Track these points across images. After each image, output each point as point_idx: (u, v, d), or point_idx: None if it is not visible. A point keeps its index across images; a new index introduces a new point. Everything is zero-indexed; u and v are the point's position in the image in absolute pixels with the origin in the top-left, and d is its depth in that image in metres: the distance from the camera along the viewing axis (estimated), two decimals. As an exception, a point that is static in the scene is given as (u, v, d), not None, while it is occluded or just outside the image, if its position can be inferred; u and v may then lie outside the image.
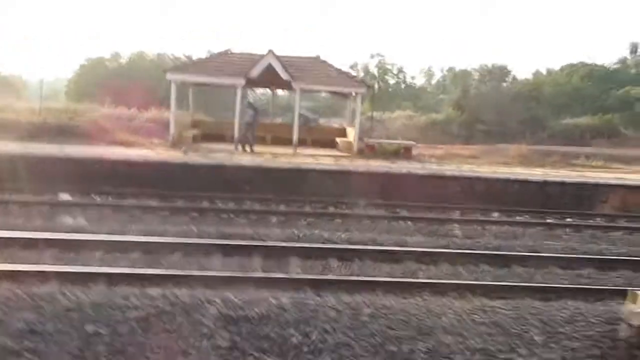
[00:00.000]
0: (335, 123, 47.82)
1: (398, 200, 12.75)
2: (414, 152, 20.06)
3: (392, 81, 77.78)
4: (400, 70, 77.88)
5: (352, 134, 19.86)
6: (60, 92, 70.37)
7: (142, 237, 7.88)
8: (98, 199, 11.49)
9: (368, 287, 6.30)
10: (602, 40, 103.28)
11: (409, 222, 10.93)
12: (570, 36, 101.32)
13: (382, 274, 7.02)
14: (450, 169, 16.18)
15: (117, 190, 12.01)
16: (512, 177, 14.94)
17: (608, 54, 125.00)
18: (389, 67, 77.24)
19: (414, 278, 6.98)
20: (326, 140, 21.54)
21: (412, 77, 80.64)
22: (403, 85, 77.98)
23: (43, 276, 5.94)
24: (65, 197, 11.42)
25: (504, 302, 5.92)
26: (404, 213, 11.86)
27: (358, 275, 6.89)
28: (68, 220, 9.33)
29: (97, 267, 6.53)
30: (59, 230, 8.08)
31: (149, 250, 7.33)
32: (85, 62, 65.58)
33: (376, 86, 25.70)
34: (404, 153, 19.40)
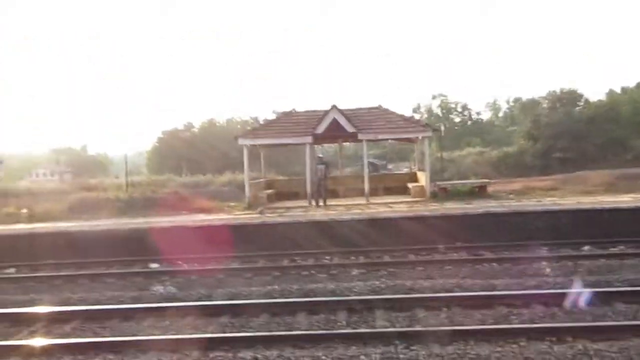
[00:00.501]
0: (404, 168, 47.80)
1: (479, 241, 12.35)
2: (489, 189, 19.53)
3: (457, 119, 77.03)
4: (464, 108, 77.18)
5: (423, 177, 19.69)
6: (141, 166, 75.26)
7: (228, 300, 8.12)
8: (185, 266, 11.98)
9: (460, 336, 6.09)
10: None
11: (494, 264, 10.53)
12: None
13: (473, 322, 6.76)
14: (530, 204, 15.56)
15: (204, 256, 12.48)
16: (599, 206, 14.11)
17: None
18: (453, 105, 76.80)
19: (507, 324, 6.67)
20: (397, 186, 21.45)
21: (478, 113, 79.56)
22: (469, 122, 76.92)
23: (144, 345, 6.23)
24: (154, 266, 12.02)
25: (609, 344, 5.52)
26: (488, 255, 11.44)
27: (447, 325, 6.67)
28: (159, 288, 9.77)
29: (190, 334, 6.76)
30: (151, 299, 8.49)
31: (237, 313, 7.51)
32: (162, 134, 70.17)
33: (442, 127, 25.42)
34: (479, 192, 18.92)
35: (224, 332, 6.77)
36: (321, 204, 17.87)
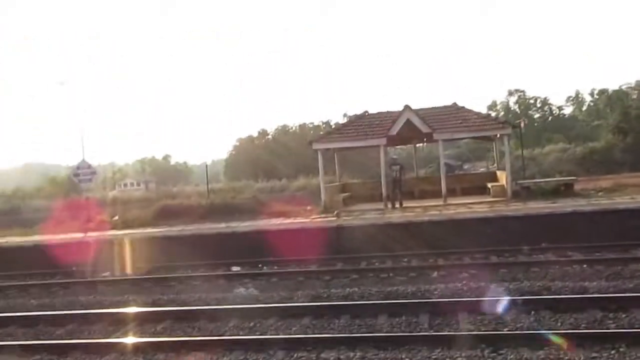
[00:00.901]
0: (480, 168, 46.29)
1: (568, 242, 11.71)
2: (576, 187, 18.48)
3: (536, 115, 73.67)
4: (544, 103, 73.75)
5: (503, 176, 18.96)
6: (219, 173, 78.08)
7: (309, 302, 8.22)
8: (265, 269, 12.27)
9: (549, 340, 5.80)
10: None
11: (585, 266, 9.94)
12: None
13: (565, 326, 6.42)
14: (623, 201, 14.55)
15: (279, 259, 12.75)
16: None
17: None
18: (532, 101, 73.56)
19: (602, 328, 6.27)
20: (475, 187, 20.78)
21: (559, 108, 75.74)
22: (550, 118, 73.35)
23: (230, 344, 6.45)
24: (236, 269, 12.41)
25: None
26: (578, 256, 10.82)
27: (536, 329, 6.38)
28: (241, 290, 10.07)
29: (273, 334, 6.91)
30: (235, 301, 8.77)
31: (318, 315, 7.59)
32: (237, 142, 72.54)
33: (522, 124, 24.39)
34: (565, 190, 17.94)
35: (307, 334, 6.85)
36: (397, 206, 17.68)
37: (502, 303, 7.23)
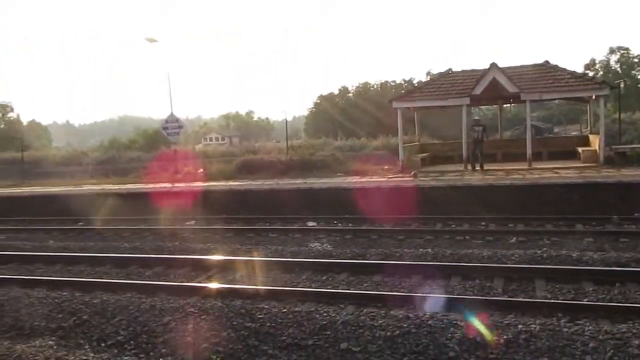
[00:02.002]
0: (573, 132, 43.48)
1: (664, 213, 10.90)
2: (680, 154, 16.93)
3: (640, 76, 67.49)
4: (651, 62, 67.20)
5: (596, 141, 17.74)
6: (299, 130, 79.08)
7: (380, 260, 8.29)
8: (340, 225, 12.46)
9: (636, 315, 5.51)
10: None
11: (683, 239, 9.22)
12: None
13: (653, 300, 6.05)
14: None
15: (354, 216, 12.87)
16: None
17: None
18: (636, 60, 67.30)
19: (696, 306, 5.84)
20: (565, 151, 19.62)
21: (669, 67, 68.72)
22: (657, 78, 66.93)
23: (303, 296, 6.69)
24: (312, 224, 12.70)
25: None
26: (674, 228, 10.06)
27: (621, 302, 6.06)
28: (316, 245, 10.33)
29: (345, 289, 7.08)
30: (310, 255, 9.02)
31: (389, 273, 7.64)
32: (318, 100, 72.71)
33: (622, 85, 22.49)
34: (666, 157, 16.52)
35: (377, 290, 6.95)
36: (477, 168, 17.14)
37: (582, 274, 6.92)
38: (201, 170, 21.70)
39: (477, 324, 5.24)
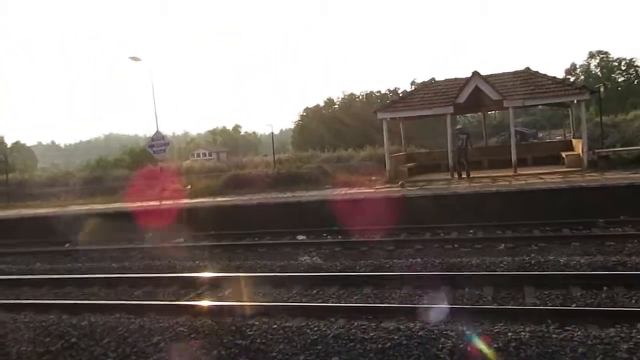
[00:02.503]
0: (557, 136, 44.00)
1: (648, 215, 11.04)
2: (662, 156, 17.21)
3: (621, 78, 68.68)
4: (630, 65, 68.49)
5: (579, 145, 17.98)
6: (286, 143, 79.21)
7: (371, 272, 8.29)
8: (329, 238, 12.45)
9: (623, 318, 5.56)
10: None
11: (667, 241, 9.34)
12: None
13: None
14: None
15: (343, 228, 12.88)
16: None
17: None
18: (615, 63, 68.52)
19: (682, 307, 5.92)
20: (549, 156, 19.85)
21: (648, 70, 70.00)
22: (636, 81, 68.13)
23: (292, 310, 6.66)
24: (301, 238, 12.68)
25: None
26: (659, 230, 10.20)
27: (608, 306, 6.11)
28: (306, 258, 10.31)
29: (335, 303, 7.06)
30: (299, 269, 8.99)
31: (380, 285, 7.65)
32: (304, 112, 72.94)
33: (602, 89, 22.84)
34: (649, 160, 16.77)
35: (367, 303, 6.94)
36: (464, 176, 17.26)
37: (571, 279, 6.98)
38: (189, 187, 21.60)
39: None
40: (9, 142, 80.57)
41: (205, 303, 7.39)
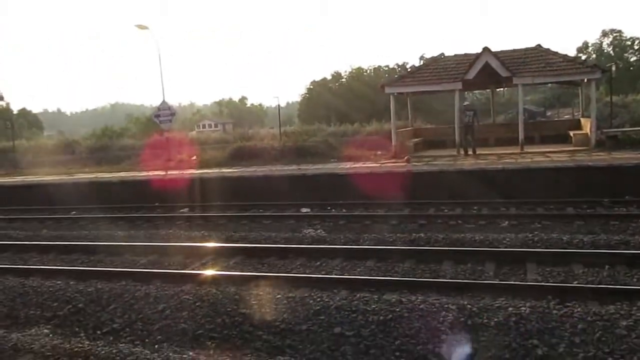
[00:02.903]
0: (565, 115, 43.57)
1: (654, 195, 11.01)
2: (671, 137, 17.04)
3: (633, 58, 67.57)
4: (643, 44, 67.22)
5: (587, 124, 17.82)
6: (293, 116, 78.86)
7: (375, 245, 8.35)
8: (333, 211, 12.51)
9: (624, 296, 5.60)
10: None
11: (671, 221, 9.32)
12: None
13: (640, 282, 6.15)
14: None
15: (347, 202, 12.92)
16: None
17: None
18: (629, 42, 67.32)
19: (683, 287, 5.95)
20: (557, 135, 19.70)
21: (661, 50, 68.76)
22: (649, 61, 66.99)
23: (295, 282, 6.75)
24: (305, 210, 12.74)
25: None
26: (664, 210, 10.18)
27: (609, 283, 6.16)
28: (310, 231, 10.38)
29: (338, 274, 7.14)
30: (303, 241, 9.07)
31: (383, 258, 7.72)
32: (311, 85, 72.36)
33: (613, 68, 22.51)
34: (657, 140, 16.62)
35: (370, 275, 7.02)
36: (470, 152, 17.20)
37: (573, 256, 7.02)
38: (194, 157, 21.65)
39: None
40: (15, 109, 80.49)
41: (209, 272, 7.49)
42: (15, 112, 78.36)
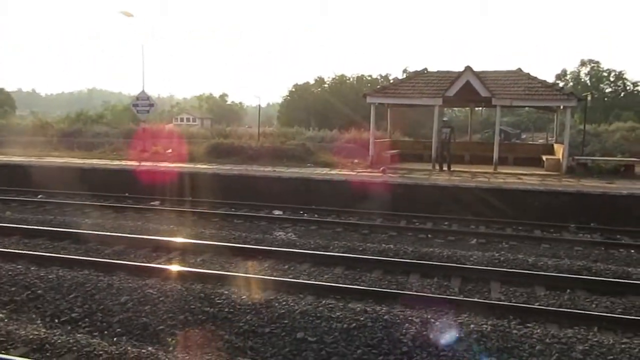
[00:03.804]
0: (539, 139, 44.52)
1: (618, 225, 11.31)
2: (638, 169, 17.57)
3: (608, 89, 69.56)
4: (619, 77, 69.34)
5: (560, 150, 18.24)
6: (272, 117, 78.60)
7: (344, 253, 8.38)
8: (305, 216, 12.50)
9: (582, 321, 5.74)
10: None
11: (632, 251, 9.59)
12: None
13: (599, 308, 6.30)
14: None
15: (320, 208, 12.94)
16: None
17: None
18: (605, 73, 69.29)
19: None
20: (530, 157, 20.13)
21: (635, 84, 71.03)
22: (622, 94, 69.09)
23: (263, 284, 6.71)
24: (278, 213, 12.70)
25: None
26: (626, 239, 10.47)
27: (569, 307, 6.30)
28: (281, 234, 10.34)
29: (305, 279, 7.13)
30: (274, 244, 9.04)
31: (351, 266, 7.74)
32: (293, 88, 72.30)
33: (589, 97, 23.12)
34: (625, 171, 17.11)
35: (337, 282, 7.02)
36: (445, 168, 17.42)
37: (536, 278, 7.16)
38: (170, 150, 21.37)
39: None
40: (-13, 86, 78.22)
41: (175, 267, 7.40)
42: (-13, 88, 76.26)
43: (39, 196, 14.36)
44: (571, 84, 65.18)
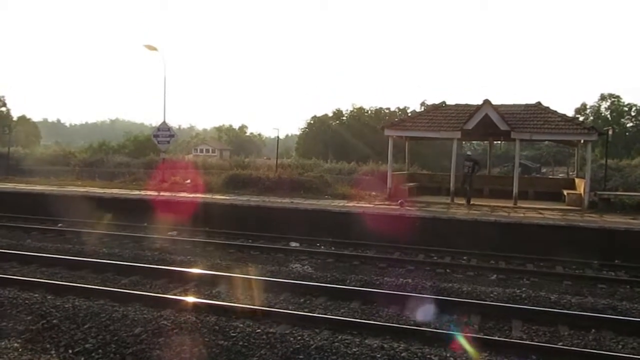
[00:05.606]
0: (560, 173, 44.00)
1: (643, 262, 11.00)
2: (663, 205, 17.15)
3: (629, 124, 68.84)
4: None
5: (581, 185, 17.95)
6: (290, 149, 79.17)
7: (360, 287, 8.25)
8: (322, 248, 12.40)
9: (608, 362, 5.52)
10: None
11: (659, 290, 9.28)
12: None
13: (626, 350, 6.06)
14: None
15: (337, 240, 12.83)
16: None
17: None
18: (626, 108, 68.72)
19: (668, 358, 5.86)
20: (551, 192, 19.83)
21: (657, 118, 70.16)
22: (644, 128, 68.26)
23: (278, 317, 6.61)
24: (294, 245, 12.63)
25: None
26: (653, 278, 10.14)
27: (594, 348, 6.07)
28: (297, 266, 10.26)
29: (321, 314, 7.01)
30: (290, 276, 8.94)
31: (368, 301, 7.60)
32: (311, 120, 72.96)
33: (610, 132, 22.90)
34: (649, 206, 16.72)
35: (354, 317, 6.89)
36: (464, 202, 17.23)
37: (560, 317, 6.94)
38: (189, 181, 21.57)
39: None
40: (15, 115, 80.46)
41: (190, 299, 7.35)
42: (14, 118, 78.42)
43: (59, 225, 14.52)
44: (591, 118, 64.69)
